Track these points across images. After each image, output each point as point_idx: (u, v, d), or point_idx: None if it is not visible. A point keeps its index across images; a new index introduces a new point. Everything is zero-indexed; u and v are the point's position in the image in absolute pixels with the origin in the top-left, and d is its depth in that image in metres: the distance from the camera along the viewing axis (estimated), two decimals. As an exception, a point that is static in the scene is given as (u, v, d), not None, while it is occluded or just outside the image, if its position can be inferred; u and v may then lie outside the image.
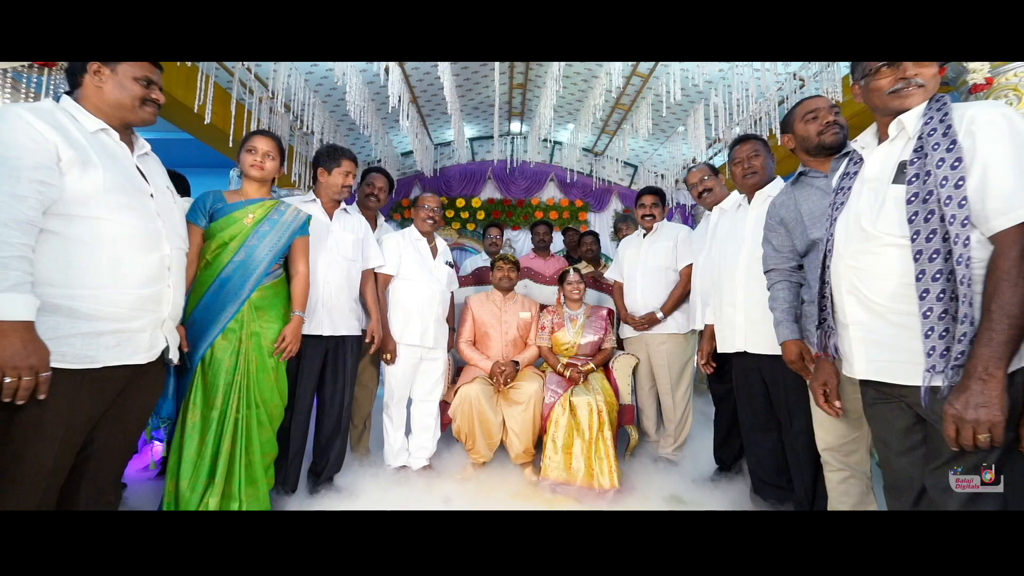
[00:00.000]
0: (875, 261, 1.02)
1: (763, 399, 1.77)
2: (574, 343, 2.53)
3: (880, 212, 1.01)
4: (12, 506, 1.08)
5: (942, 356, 0.91)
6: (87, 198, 1.14)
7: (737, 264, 1.78)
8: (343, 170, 1.99)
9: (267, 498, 1.66)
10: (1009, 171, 0.88)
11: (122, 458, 1.35)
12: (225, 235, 1.61)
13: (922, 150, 0.97)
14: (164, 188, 1.35)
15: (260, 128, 3.05)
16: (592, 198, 5.29)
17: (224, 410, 1.53)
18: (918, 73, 1.03)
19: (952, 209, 0.91)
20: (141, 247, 1.23)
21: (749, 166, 1.80)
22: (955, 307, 0.90)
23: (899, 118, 1.05)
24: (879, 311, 1.02)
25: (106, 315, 1.16)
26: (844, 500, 1.41)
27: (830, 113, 1.43)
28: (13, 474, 1.08)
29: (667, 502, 1.98)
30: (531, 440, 2.25)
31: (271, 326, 1.66)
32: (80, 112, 1.20)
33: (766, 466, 1.83)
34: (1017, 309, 0.84)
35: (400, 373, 2.21)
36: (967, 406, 0.86)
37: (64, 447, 1.15)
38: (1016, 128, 0.89)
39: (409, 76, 3.50)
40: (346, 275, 1.99)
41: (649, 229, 2.52)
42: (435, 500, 2.00)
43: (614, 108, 3.93)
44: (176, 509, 1.49)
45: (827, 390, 1.23)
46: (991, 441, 0.85)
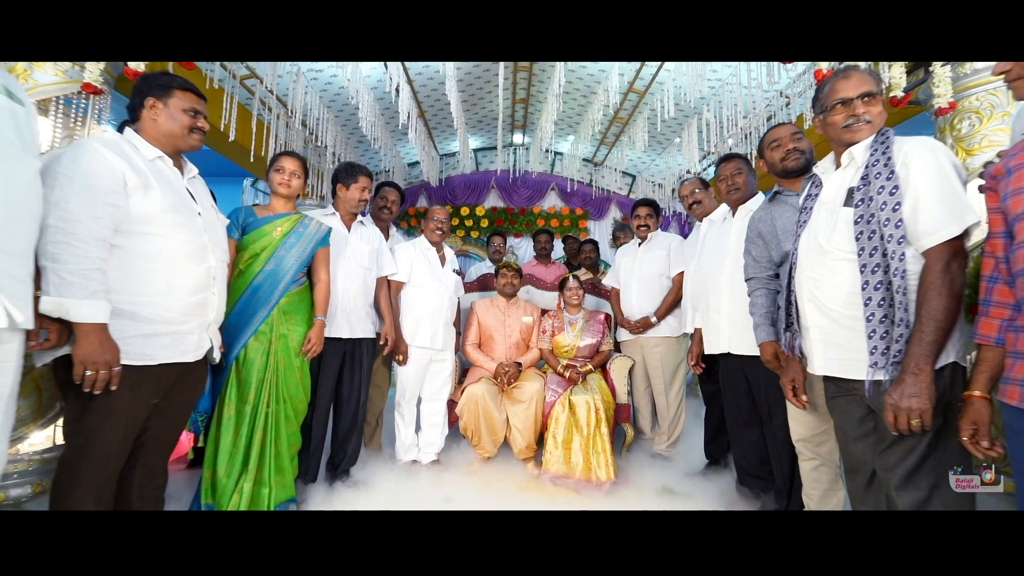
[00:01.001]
0: (830, 273, 1.18)
1: (746, 397, 1.92)
2: (573, 346, 2.69)
3: (833, 231, 1.18)
4: (85, 481, 1.25)
5: (883, 354, 1.07)
6: (148, 217, 1.31)
7: (722, 272, 1.95)
8: (360, 185, 2.16)
9: (292, 485, 1.82)
10: (935, 198, 1.04)
11: (169, 446, 1.51)
12: (256, 247, 1.79)
13: (867, 178, 1.14)
14: (209, 207, 1.52)
15: (276, 140, 3.24)
16: (592, 206, 5.47)
17: (256, 405, 1.70)
18: (867, 111, 1.20)
19: (890, 229, 1.07)
20: (191, 260, 1.40)
21: (732, 183, 1.96)
22: (893, 312, 1.06)
23: (850, 149, 1.21)
24: (834, 316, 1.18)
25: (162, 319, 1.33)
26: (816, 486, 1.56)
27: (791, 141, 1.60)
28: (87, 453, 1.25)
29: (659, 493, 2.13)
30: (533, 436, 2.40)
31: (297, 329, 1.83)
32: (140, 142, 1.38)
33: (750, 458, 1.98)
34: (941, 314, 1.01)
35: (411, 373, 2.37)
36: (902, 396, 1.01)
37: (126, 432, 1.31)
38: (941, 162, 1.06)
39: (417, 93, 3.68)
40: (363, 282, 2.16)
41: (644, 239, 2.69)
42: (444, 492, 2.14)
43: (612, 122, 4.11)
44: (213, 494, 1.65)
45: (795, 386, 1.40)
46: (922, 426, 1.01)
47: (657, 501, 2.07)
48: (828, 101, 1.24)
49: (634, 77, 3.42)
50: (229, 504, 1.63)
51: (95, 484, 1.28)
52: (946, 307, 1.01)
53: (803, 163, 1.59)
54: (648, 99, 3.60)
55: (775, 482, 1.85)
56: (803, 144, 1.61)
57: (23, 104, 1.07)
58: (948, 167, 1.05)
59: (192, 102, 1.45)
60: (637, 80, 3.46)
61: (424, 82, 3.59)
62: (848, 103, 1.21)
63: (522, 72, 3.65)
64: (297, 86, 3.00)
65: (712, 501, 2.02)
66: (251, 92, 3.02)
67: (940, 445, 1.07)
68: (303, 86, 3.12)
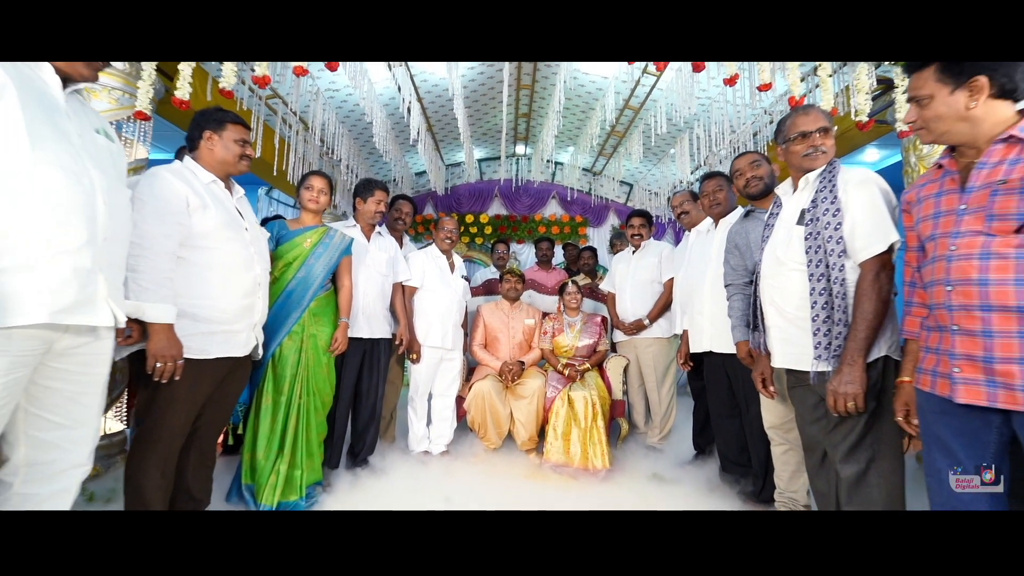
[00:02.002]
0: (786, 281, 1.40)
1: (727, 391, 2.14)
2: (572, 346, 2.90)
3: (788, 245, 1.40)
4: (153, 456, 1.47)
5: (825, 348, 1.28)
6: (205, 233, 1.54)
7: (705, 279, 2.16)
8: (376, 199, 2.39)
9: (320, 469, 2.04)
10: (868, 220, 1.26)
11: (218, 431, 1.74)
12: (289, 256, 2.01)
13: (816, 201, 1.36)
14: (254, 223, 1.74)
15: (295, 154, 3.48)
16: (591, 214, 5.69)
17: (290, 396, 1.91)
18: (823, 143, 1.42)
19: (832, 245, 1.29)
20: (241, 268, 1.62)
21: (714, 199, 2.18)
22: (834, 314, 1.28)
23: (806, 175, 1.43)
24: (789, 317, 1.39)
25: (217, 319, 1.56)
26: (785, 468, 1.77)
27: (750, 170, 1.82)
28: (155, 433, 1.48)
29: (649, 480, 2.34)
30: (535, 429, 2.62)
31: (324, 330, 2.05)
32: (198, 169, 1.60)
33: (731, 447, 2.19)
34: (872, 315, 1.22)
35: (423, 371, 2.59)
36: (839, 383, 1.23)
37: (186, 416, 1.54)
38: (873, 192, 1.28)
39: (426, 109, 3.92)
40: (380, 288, 2.38)
41: (637, 247, 2.90)
42: (452, 482, 2.33)
43: (609, 135, 4.34)
44: (252, 475, 1.87)
45: (764, 378, 1.61)
46: (856, 408, 1.22)
47: (647, 487, 2.27)
48: (790, 133, 1.46)
49: (629, 95, 3.64)
50: (267, 484, 1.84)
51: (161, 459, 1.50)
52: (876, 309, 1.23)
53: (763, 188, 1.81)
54: (643, 114, 3.83)
55: (752, 467, 2.06)
56: (761, 171, 1.82)
57: (114, 141, 1.29)
58: (878, 196, 1.27)
59: (242, 134, 1.67)
60: (632, 97, 3.69)
61: (432, 99, 3.82)
62: (808, 135, 1.42)
63: (524, 90, 3.88)
64: (316, 104, 3.23)
65: (698, 486, 2.23)
66: (274, 111, 3.26)
67: (875, 426, 1.28)
68: (321, 103, 3.36)
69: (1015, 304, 0.88)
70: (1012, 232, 0.90)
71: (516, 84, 3.80)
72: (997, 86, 0.97)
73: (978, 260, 0.93)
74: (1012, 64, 0.96)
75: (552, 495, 2.20)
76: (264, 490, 1.84)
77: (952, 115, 1.01)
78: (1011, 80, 0.96)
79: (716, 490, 2.17)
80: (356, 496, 2.08)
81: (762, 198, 1.82)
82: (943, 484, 1.05)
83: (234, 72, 2.09)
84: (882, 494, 1.27)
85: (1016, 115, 0.98)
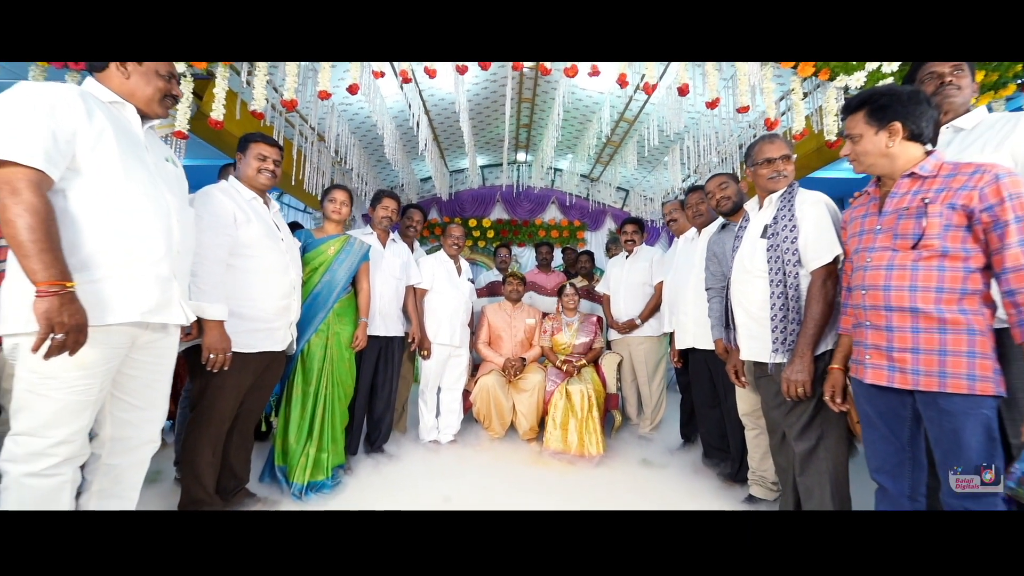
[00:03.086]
0: (750, 287, 1.63)
1: (709, 383, 2.37)
2: (570, 344, 3.13)
3: (753, 256, 1.63)
4: (205, 437, 1.70)
5: (781, 343, 1.52)
6: (249, 243, 1.77)
7: (689, 282, 2.40)
8: (383, 205, 2.61)
9: (343, 453, 2.27)
10: (817, 236, 1.49)
11: (256, 417, 1.97)
12: (315, 263, 2.24)
13: (777, 218, 1.59)
14: (289, 233, 1.97)
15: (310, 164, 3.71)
16: (588, 218, 5.93)
17: (317, 387, 2.15)
18: (784, 168, 1.65)
19: (789, 255, 1.52)
20: (279, 274, 1.85)
21: (696, 210, 2.42)
22: (788, 314, 1.51)
23: (770, 196, 1.66)
24: (753, 317, 1.63)
25: (260, 318, 1.79)
26: (756, 450, 2.01)
27: (719, 191, 2.05)
28: (207, 417, 1.71)
29: (639, 464, 2.57)
30: (535, 420, 2.85)
31: (346, 328, 2.28)
32: (241, 187, 1.84)
33: (712, 434, 2.42)
34: (819, 316, 1.45)
35: (433, 366, 2.82)
36: (791, 372, 1.46)
37: (233, 402, 1.77)
38: (823, 210, 1.51)
39: (433, 120, 4.15)
40: (395, 290, 2.61)
41: (630, 252, 3.14)
42: (461, 467, 2.55)
43: (605, 145, 4.58)
44: (284, 458, 2.10)
45: (736, 370, 1.84)
46: (804, 393, 1.45)
47: (637, 470, 2.50)
48: (757, 158, 1.70)
49: (624, 108, 3.88)
50: (298, 465, 2.07)
51: (212, 439, 1.74)
52: (822, 311, 1.46)
53: (731, 206, 2.04)
54: (637, 126, 4.06)
55: (730, 452, 2.29)
56: (729, 191, 2.05)
57: (178, 167, 1.52)
58: (826, 215, 1.51)
59: (267, 151, 1.88)
60: (626, 111, 3.92)
61: (439, 112, 4.05)
62: (772, 161, 1.66)
63: (525, 103, 4.12)
64: (331, 117, 3.46)
65: (683, 470, 2.46)
66: (292, 124, 3.49)
67: (823, 409, 1.51)
68: (335, 116, 3.59)
69: (909, 306, 1.12)
70: (909, 248, 1.13)
71: (518, 97, 4.03)
72: (908, 131, 1.20)
73: (884, 270, 1.17)
74: (920, 114, 1.19)
75: (551, 479, 2.42)
76: (295, 471, 2.06)
77: (876, 151, 1.24)
78: (918, 127, 1.19)
79: (699, 472, 2.40)
80: (375, 479, 2.31)
81: (733, 214, 2.05)
82: (876, 453, 1.28)
83: (264, 95, 2.32)
84: (829, 466, 1.50)
85: (923, 155, 1.22)
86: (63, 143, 1.15)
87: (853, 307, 1.28)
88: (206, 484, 1.73)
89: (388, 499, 2.10)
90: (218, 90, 2.33)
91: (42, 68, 2.34)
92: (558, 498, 2.18)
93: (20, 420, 1.17)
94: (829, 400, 1.40)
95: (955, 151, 1.38)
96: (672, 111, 3.31)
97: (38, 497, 1.17)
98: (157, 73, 1.36)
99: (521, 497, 2.18)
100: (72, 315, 1.09)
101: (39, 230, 1.08)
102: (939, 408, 1.10)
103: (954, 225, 1.11)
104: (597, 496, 2.21)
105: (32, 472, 1.16)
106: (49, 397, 1.16)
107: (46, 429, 1.16)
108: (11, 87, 1.16)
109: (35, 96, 1.14)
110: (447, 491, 2.18)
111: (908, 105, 1.20)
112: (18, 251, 1.08)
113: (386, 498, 2.11)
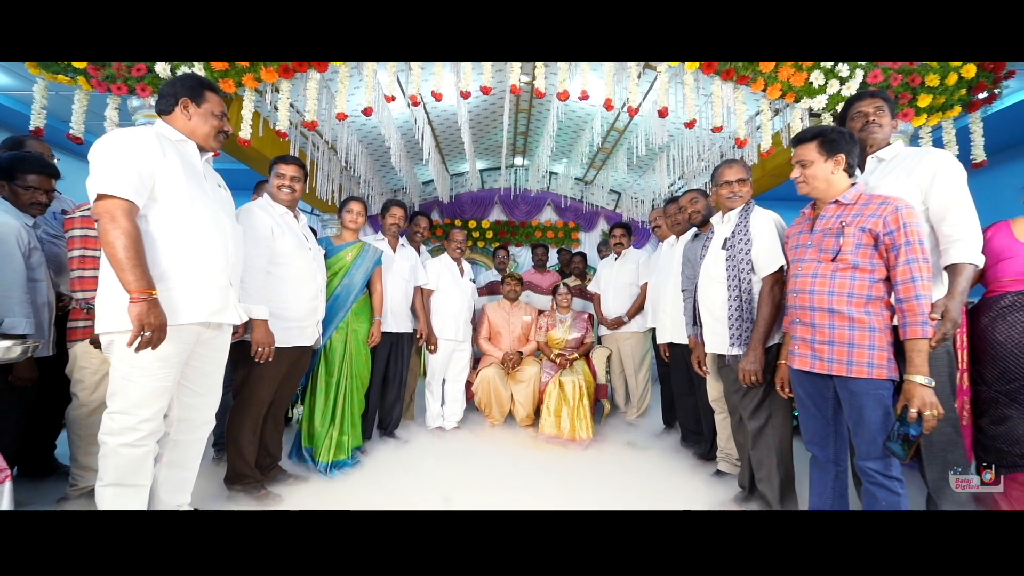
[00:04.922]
0: (714, 291, 1.92)
1: (685, 374, 2.66)
2: (563, 339, 3.42)
3: (715, 264, 1.92)
4: (247, 421, 1.98)
5: (738, 338, 1.81)
6: (284, 253, 2.05)
7: (668, 284, 2.68)
8: (392, 214, 2.89)
9: (360, 436, 2.56)
10: (766, 248, 1.78)
11: (287, 404, 2.25)
12: (335, 268, 2.51)
13: (735, 232, 1.88)
14: (315, 243, 2.25)
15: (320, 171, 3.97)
16: (583, 220, 6.20)
17: (339, 378, 2.43)
18: (740, 190, 1.93)
19: (744, 264, 1.81)
20: (309, 279, 2.13)
21: (675, 219, 2.70)
22: (743, 314, 1.80)
23: (729, 212, 1.95)
24: (715, 316, 1.92)
25: (293, 317, 2.07)
26: (723, 432, 2.30)
27: (690, 206, 2.33)
28: (249, 402, 1.99)
29: (625, 446, 2.87)
30: (532, 408, 3.14)
31: (362, 325, 2.56)
32: (274, 203, 2.11)
33: (689, 420, 2.72)
34: (768, 316, 1.74)
35: (439, 360, 3.11)
36: (746, 363, 1.75)
37: (270, 390, 2.05)
38: (772, 227, 1.80)
39: (436, 130, 4.41)
40: (405, 291, 2.89)
41: (619, 254, 3.42)
42: (464, 450, 2.83)
43: (598, 151, 4.86)
44: (311, 440, 2.38)
45: (699, 361, 2.13)
46: (757, 380, 1.74)
47: (623, 452, 2.80)
48: (719, 180, 1.98)
49: (614, 120, 4.15)
50: (323, 447, 2.35)
51: (253, 422, 2.02)
52: (770, 311, 1.75)
53: (701, 219, 2.32)
54: (627, 135, 4.33)
55: (704, 435, 2.59)
56: (698, 206, 2.32)
57: (227, 190, 1.79)
58: (774, 232, 1.79)
59: (281, 170, 2.14)
60: (617, 121, 4.19)
61: (441, 122, 4.31)
62: (730, 183, 1.94)
63: (523, 113, 4.38)
64: (342, 131, 3.72)
65: (664, 452, 2.76)
66: (305, 136, 3.75)
67: (771, 394, 1.81)
68: (346, 127, 3.84)
69: (827, 307, 1.41)
70: (830, 261, 1.42)
71: (515, 109, 4.29)
72: (847, 163, 1.48)
73: (811, 278, 1.46)
74: (855, 152, 1.48)
75: (546, 460, 2.71)
76: (321, 451, 2.35)
77: (822, 176, 1.51)
78: (853, 161, 1.48)
79: (678, 453, 2.71)
80: (389, 459, 2.59)
81: (703, 225, 2.33)
82: (808, 428, 1.58)
83: (287, 117, 2.58)
84: (775, 440, 1.80)
85: (849, 185, 1.50)
86: (146, 178, 1.42)
87: (789, 307, 1.57)
88: (248, 460, 2.01)
89: (401, 475, 2.38)
90: (245, 111, 2.58)
91: (85, 92, 2.59)
92: (552, 476, 2.46)
93: (115, 401, 1.44)
94: (779, 389, 1.69)
95: (877, 178, 1.66)
96: (656, 126, 3.57)
97: (130, 464, 1.45)
98: (212, 113, 1.63)
99: (519, 476, 2.45)
100: (157, 316, 1.37)
101: (131, 249, 1.35)
102: (848, 389, 1.39)
103: (864, 244, 1.40)
104: (586, 474, 2.49)
105: (126, 443, 1.44)
106: (137, 383, 1.44)
107: (136, 408, 1.44)
108: (105, 135, 1.44)
109: (124, 142, 1.41)
110: (450, 475, 2.39)
111: (850, 143, 1.48)
112: (116, 266, 1.35)
113: (399, 474, 2.39)
